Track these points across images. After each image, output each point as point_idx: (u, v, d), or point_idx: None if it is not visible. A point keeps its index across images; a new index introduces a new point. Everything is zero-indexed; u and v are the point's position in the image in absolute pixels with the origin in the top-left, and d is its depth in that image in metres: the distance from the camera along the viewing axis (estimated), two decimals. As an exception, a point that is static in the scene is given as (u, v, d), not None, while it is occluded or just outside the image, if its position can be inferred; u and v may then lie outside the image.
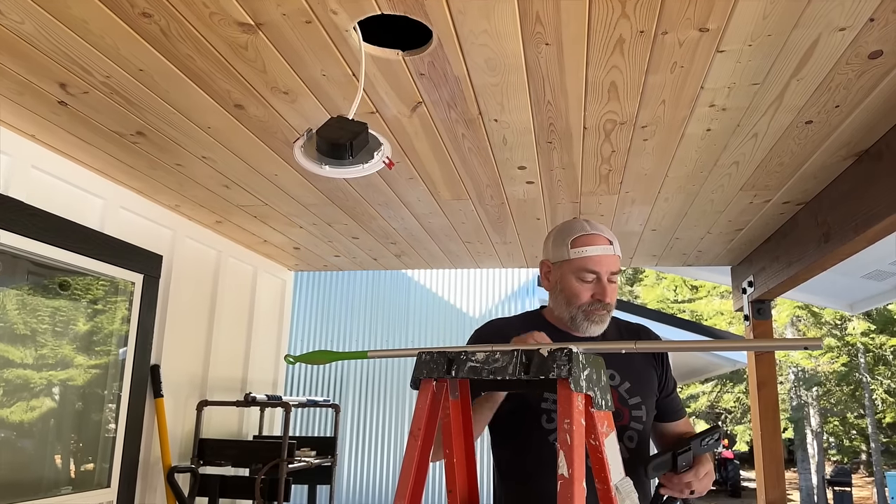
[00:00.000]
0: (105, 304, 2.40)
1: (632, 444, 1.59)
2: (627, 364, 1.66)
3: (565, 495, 1.12)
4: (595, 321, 1.63)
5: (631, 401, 1.62)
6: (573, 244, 1.62)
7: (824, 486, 17.16)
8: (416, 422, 1.33)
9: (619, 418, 1.57)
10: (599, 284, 1.61)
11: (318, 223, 2.75)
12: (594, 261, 1.60)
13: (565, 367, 1.21)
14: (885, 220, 1.77)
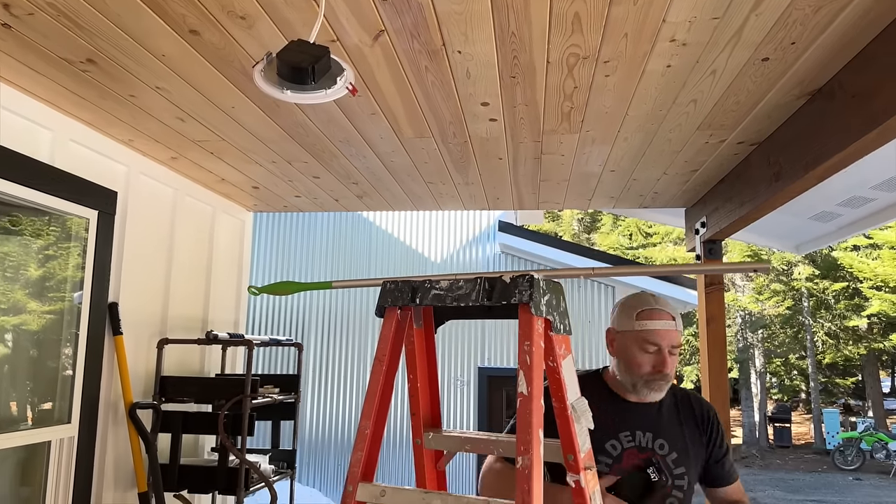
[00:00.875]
0: (57, 249, 2.35)
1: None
2: (678, 434, 1.78)
3: (524, 411, 1.17)
4: (654, 389, 1.75)
5: (676, 471, 1.73)
6: (638, 316, 1.74)
7: (766, 422, 18.13)
8: (380, 348, 1.36)
9: (663, 486, 1.70)
10: (660, 356, 1.72)
11: (277, 161, 2.71)
12: (657, 334, 1.72)
13: (527, 293, 1.24)
14: (832, 157, 1.83)
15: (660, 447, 1.73)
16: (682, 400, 1.85)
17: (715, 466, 1.81)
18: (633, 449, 1.73)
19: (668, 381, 1.74)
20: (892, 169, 2.43)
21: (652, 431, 1.75)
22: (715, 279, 3.16)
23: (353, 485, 1.26)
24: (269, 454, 3.04)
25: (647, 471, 1.62)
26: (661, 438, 1.74)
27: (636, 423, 1.75)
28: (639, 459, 1.71)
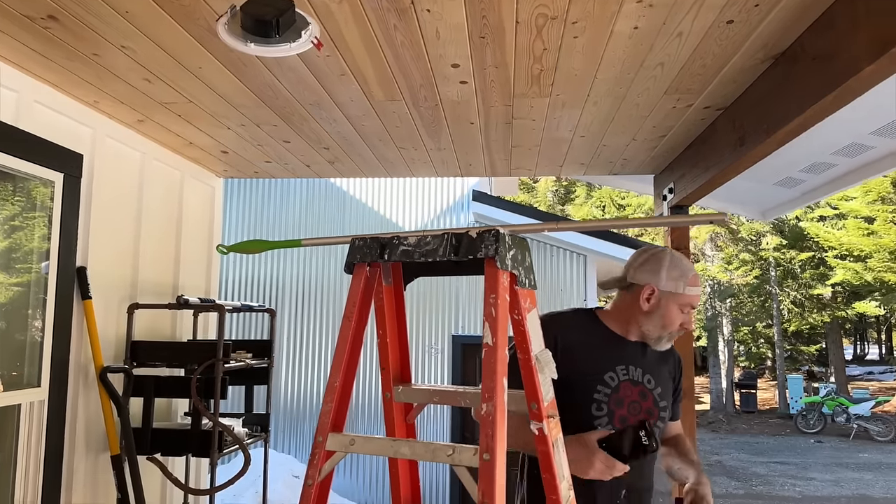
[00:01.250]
0: (24, 219, 2.32)
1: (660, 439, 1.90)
2: (661, 374, 1.99)
3: (489, 361, 1.21)
4: (672, 340, 1.97)
5: (661, 403, 1.93)
6: (690, 283, 1.89)
7: (732, 388, 18.63)
8: (349, 304, 1.39)
9: (651, 415, 1.90)
10: (689, 317, 1.94)
11: (246, 124, 2.69)
12: (696, 298, 1.93)
13: (492, 247, 1.27)
14: (794, 121, 1.88)
15: (648, 381, 1.92)
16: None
17: (674, 404, 2.04)
18: (627, 381, 1.90)
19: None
20: (851, 135, 2.50)
21: (642, 367, 1.93)
22: (681, 243, 3.23)
23: (323, 435, 1.29)
24: (242, 418, 3.07)
25: (640, 432, 1.67)
26: (649, 374, 1.93)
27: (629, 359, 1.92)
28: (632, 391, 1.89)
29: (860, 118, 2.34)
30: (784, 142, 2.06)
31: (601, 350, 1.93)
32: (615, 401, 1.86)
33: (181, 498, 3.03)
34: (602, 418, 1.83)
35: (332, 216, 6.93)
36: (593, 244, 6.56)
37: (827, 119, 2.00)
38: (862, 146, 2.58)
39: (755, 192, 3.46)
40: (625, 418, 1.85)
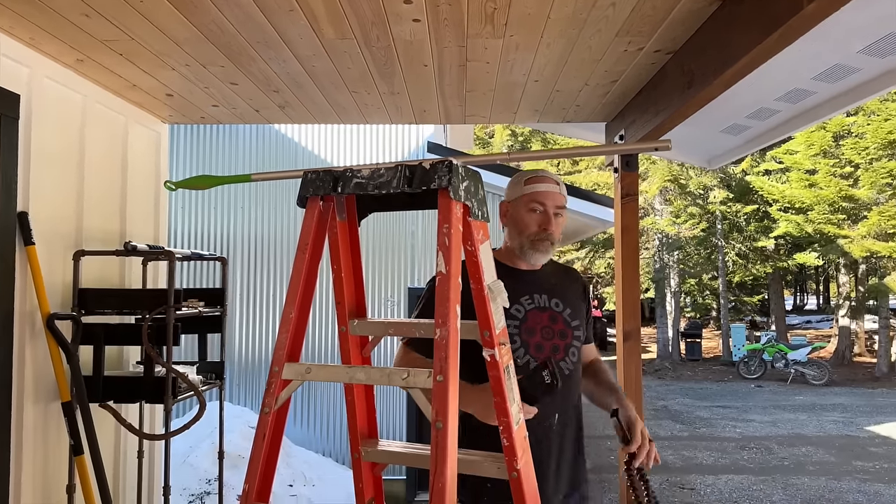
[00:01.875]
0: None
1: (574, 357, 1.98)
2: (567, 297, 2.03)
3: (443, 288, 1.23)
4: (540, 250, 1.96)
5: (573, 323, 1.99)
6: (526, 182, 1.97)
7: (678, 338, 19.32)
8: (303, 237, 1.39)
9: (565, 337, 1.96)
10: (545, 216, 1.94)
11: (191, 64, 2.60)
12: (542, 194, 1.95)
13: (446, 178, 1.29)
14: (739, 62, 1.92)
15: (556, 305, 1.98)
16: (564, 269, 2.18)
17: (587, 325, 2.09)
18: (534, 309, 1.95)
19: (552, 241, 1.95)
20: (794, 80, 2.57)
21: (546, 293, 1.99)
22: (630, 190, 3.30)
23: (279, 365, 1.30)
24: (196, 365, 3.05)
25: (543, 373, 1.68)
26: (556, 298, 1.99)
27: (531, 288, 1.98)
28: (542, 317, 1.95)
29: (802, 63, 2.41)
30: (731, 83, 2.10)
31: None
32: (526, 330, 1.91)
33: (136, 445, 3.02)
34: (518, 350, 1.89)
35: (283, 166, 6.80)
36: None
37: (771, 63, 2.05)
38: (804, 91, 2.66)
39: (702, 139, 3.54)
40: (540, 345, 1.91)
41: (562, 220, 1.99)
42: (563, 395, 1.90)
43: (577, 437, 2.00)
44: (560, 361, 1.93)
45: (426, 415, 1.17)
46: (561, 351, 1.95)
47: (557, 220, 1.97)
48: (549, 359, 1.75)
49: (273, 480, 1.28)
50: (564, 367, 1.94)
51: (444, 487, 1.08)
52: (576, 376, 2.00)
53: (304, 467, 5.43)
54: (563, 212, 1.99)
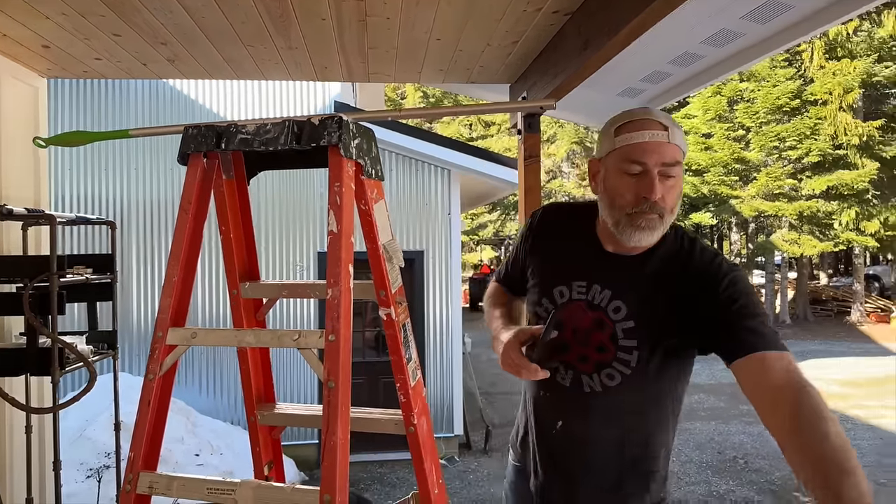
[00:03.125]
0: None
1: (612, 382, 1.43)
2: (649, 300, 1.39)
3: (334, 248, 1.21)
4: (641, 227, 1.36)
5: (622, 342, 1.40)
6: (618, 131, 1.39)
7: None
8: (185, 196, 1.33)
9: (604, 352, 1.42)
10: (646, 178, 1.34)
11: (68, 13, 2.40)
12: (640, 148, 1.34)
13: (335, 135, 1.25)
14: (631, 23, 1.97)
15: (615, 310, 1.42)
16: (682, 253, 1.43)
17: (719, 334, 1.29)
18: (581, 302, 1.46)
19: (661, 214, 1.36)
20: (684, 44, 2.66)
21: (612, 289, 1.43)
22: (533, 151, 3.35)
23: (163, 330, 1.25)
24: (85, 335, 2.90)
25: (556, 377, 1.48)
26: (620, 300, 1.41)
27: (598, 276, 1.46)
28: (585, 316, 1.45)
29: (691, 28, 2.49)
30: (623, 45, 2.15)
31: (568, 256, 1.53)
32: (555, 323, 1.42)
33: (24, 420, 2.85)
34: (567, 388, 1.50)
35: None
36: (457, 158, 6.65)
37: (662, 27, 2.12)
38: (694, 55, 2.76)
39: (600, 102, 3.62)
40: (565, 346, 1.45)
41: (674, 184, 1.36)
42: (575, 409, 1.50)
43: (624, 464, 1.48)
44: (583, 374, 1.45)
45: (318, 375, 1.16)
46: (590, 364, 1.44)
47: (668, 184, 1.35)
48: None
49: (160, 448, 1.24)
50: (586, 382, 1.45)
51: (335, 445, 1.08)
52: (610, 404, 1.45)
53: (211, 436, 5.32)
54: (675, 170, 1.35)
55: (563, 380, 1.49)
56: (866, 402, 9.18)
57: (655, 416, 1.46)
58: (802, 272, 18.70)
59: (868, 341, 15.24)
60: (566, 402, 1.50)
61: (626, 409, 1.45)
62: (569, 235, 1.56)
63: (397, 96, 26.48)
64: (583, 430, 1.49)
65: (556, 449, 1.53)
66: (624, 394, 1.42)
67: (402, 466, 6.39)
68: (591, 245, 1.50)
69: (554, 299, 1.50)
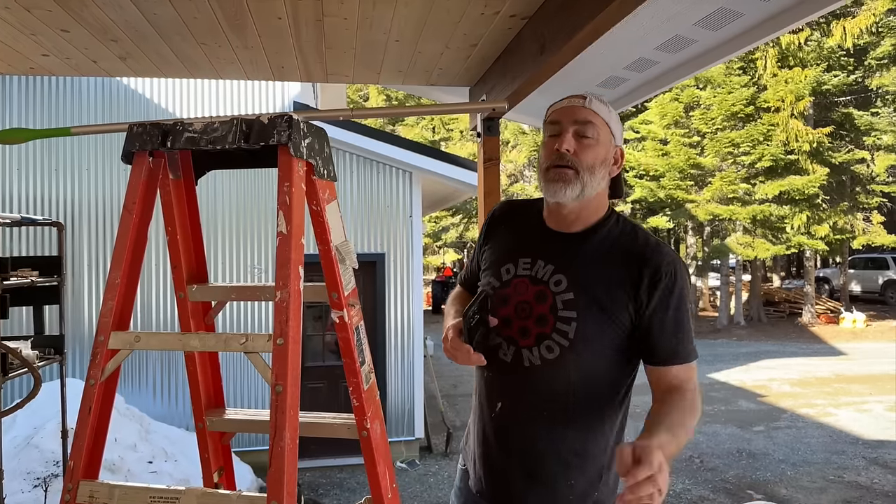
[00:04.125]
0: None
1: (551, 354, 1.45)
2: (589, 279, 1.45)
3: (284, 249, 1.19)
4: (554, 179, 1.43)
5: (563, 313, 1.44)
6: (548, 112, 1.53)
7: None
8: (129, 197, 1.29)
9: (543, 324, 1.45)
10: (560, 134, 1.44)
11: (11, 7, 2.32)
12: (557, 111, 1.48)
13: (285, 133, 1.23)
14: (586, 27, 1.98)
15: (556, 283, 1.46)
16: (623, 236, 1.50)
17: (645, 337, 1.44)
18: (525, 278, 1.51)
19: (573, 167, 1.43)
20: (639, 50, 2.70)
21: (555, 264, 1.48)
22: (492, 154, 3.36)
23: (105, 334, 1.21)
24: (30, 339, 2.80)
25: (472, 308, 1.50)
26: (562, 274, 1.47)
27: (543, 252, 1.52)
28: (528, 289, 1.49)
29: (646, 34, 2.53)
30: (579, 50, 2.17)
31: (516, 238, 1.61)
32: (500, 297, 1.52)
33: (-39, 431, 2.74)
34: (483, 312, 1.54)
35: (136, 127, 6.32)
36: (419, 161, 6.63)
37: (618, 33, 2.15)
38: (649, 61, 2.80)
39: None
40: (508, 319, 1.49)
41: (592, 143, 1.43)
42: (515, 385, 1.50)
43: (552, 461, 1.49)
44: (524, 348, 1.47)
45: (265, 379, 1.14)
46: (531, 337, 1.46)
47: (583, 141, 1.43)
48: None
49: (102, 455, 1.19)
50: (527, 356, 1.47)
51: (283, 451, 1.06)
52: (549, 378, 1.46)
53: (165, 443, 5.20)
54: (591, 129, 1.43)
55: (504, 356, 1.51)
56: (815, 400, 9.45)
57: (596, 397, 1.48)
58: (756, 274, 19.19)
59: (818, 342, 15.72)
60: (507, 380, 1.52)
61: (565, 385, 1.46)
62: (518, 221, 1.65)
63: (360, 98, 26.34)
64: (522, 409, 1.51)
65: (497, 434, 1.54)
66: (563, 367, 1.45)
67: (361, 471, 6.32)
68: (537, 226, 1.58)
69: (500, 276, 1.55)
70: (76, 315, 6.07)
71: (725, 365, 12.47)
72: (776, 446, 7.28)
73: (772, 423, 8.24)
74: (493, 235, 1.68)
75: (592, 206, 1.51)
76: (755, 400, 9.52)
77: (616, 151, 1.52)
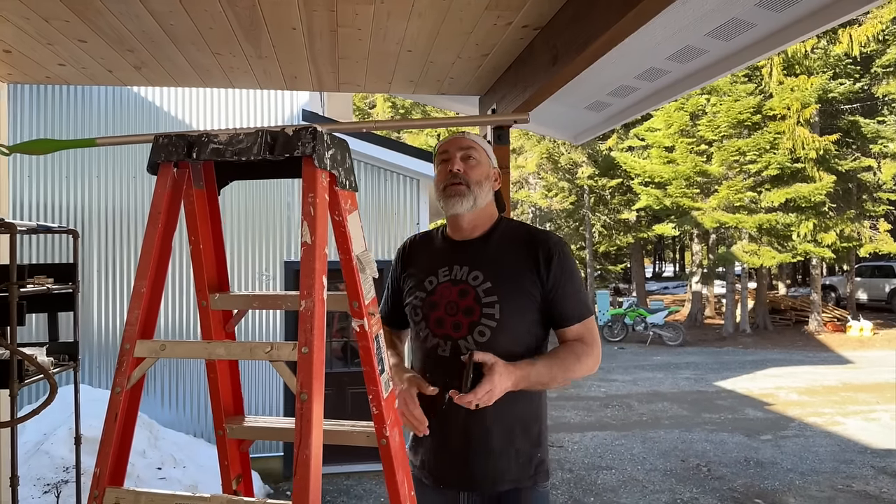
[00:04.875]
0: None
1: (483, 338, 1.73)
2: (500, 268, 1.78)
3: (308, 259, 1.21)
4: (451, 195, 1.79)
5: (485, 299, 1.74)
6: (437, 149, 1.90)
7: (550, 306, 20.26)
8: (154, 207, 1.31)
9: (471, 314, 1.74)
10: (449, 160, 1.82)
11: (31, 17, 2.35)
12: (445, 145, 1.87)
13: (310, 145, 1.25)
14: (599, 39, 2.00)
15: (473, 279, 1.77)
16: (524, 236, 1.85)
17: (552, 305, 1.78)
18: (447, 282, 1.80)
19: (465, 182, 1.78)
20: (650, 60, 2.72)
21: (469, 264, 1.80)
22: (503, 163, 3.37)
23: (131, 342, 1.23)
24: (45, 346, 2.82)
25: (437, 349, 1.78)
26: (477, 270, 1.78)
27: (455, 259, 1.83)
28: (452, 291, 1.78)
29: (658, 44, 2.55)
30: (592, 60, 2.19)
31: (430, 258, 1.91)
32: (429, 304, 1.81)
33: (-24, 436, 2.76)
34: (420, 323, 1.84)
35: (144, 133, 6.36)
36: (426, 168, 6.65)
37: (630, 43, 2.16)
38: (660, 70, 2.82)
39: (568, 115, 3.68)
40: (441, 320, 1.78)
41: (475, 164, 1.82)
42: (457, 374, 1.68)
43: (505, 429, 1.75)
44: (460, 340, 1.74)
45: (291, 387, 1.15)
46: (463, 328, 1.75)
47: (469, 163, 1.81)
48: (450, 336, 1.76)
49: (127, 463, 1.21)
50: (463, 345, 1.74)
51: (308, 458, 1.07)
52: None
53: (174, 449, 5.21)
54: (474, 152, 1.83)
55: (443, 352, 1.77)
56: (823, 409, 9.42)
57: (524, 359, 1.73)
58: (762, 282, 19.14)
59: (825, 350, 15.67)
60: (449, 372, 1.73)
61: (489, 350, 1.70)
62: (427, 247, 1.97)
63: (366, 105, 26.44)
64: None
65: (445, 426, 1.75)
66: (495, 344, 1.71)
67: (368, 478, 6.34)
68: (443, 243, 1.92)
69: (425, 288, 1.84)
70: (85, 321, 6.11)
71: (731, 373, 12.44)
72: (784, 455, 7.25)
73: (779, 432, 8.21)
74: (409, 264, 1.97)
75: (485, 215, 1.87)
76: (762, 408, 9.49)
77: (494, 172, 1.91)
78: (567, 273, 1.78)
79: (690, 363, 13.60)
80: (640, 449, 7.53)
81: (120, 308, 6.28)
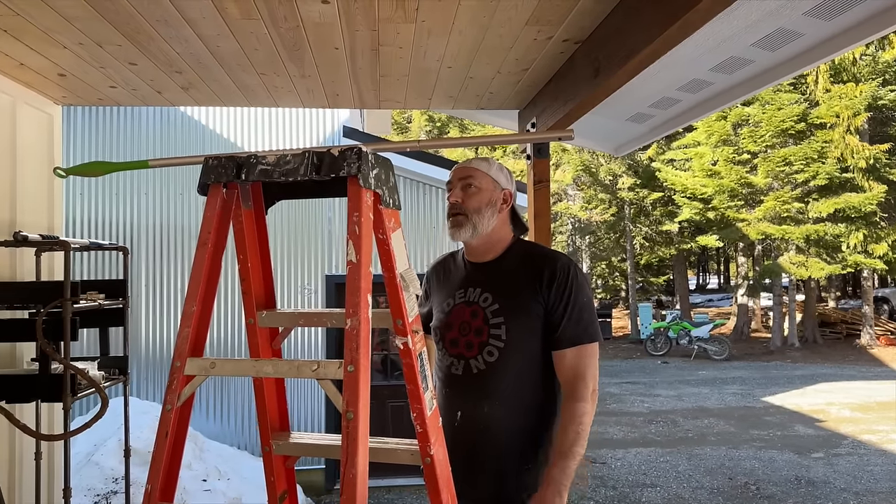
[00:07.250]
0: None
1: (492, 357, 1.81)
2: (508, 290, 1.85)
3: (353, 277, 1.22)
4: (451, 225, 1.88)
5: (492, 320, 1.82)
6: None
7: (591, 319, 20.01)
8: (205, 228, 1.33)
9: (480, 335, 1.83)
10: (451, 192, 1.91)
11: (85, 43, 2.44)
12: (452, 173, 1.94)
13: (355, 165, 1.26)
14: (642, 52, 1.98)
15: (484, 300, 1.85)
16: (533, 257, 1.90)
17: (552, 326, 1.80)
18: (462, 304, 1.89)
19: (463, 212, 1.87)
20: (693, 71, 2.68)
21: (482, 286, 1.88)
22: (543, 177, 3.36)
23: (181, 360, 1.25)
24: (97, 361, 2.90)
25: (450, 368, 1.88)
26: (488, 292, 1.86)
27: (471, 281, 1.92)
28: (465, 312, 1.88)
29: (701, 55, 2.51)
30: (634, 73, 2.17)
31: (449, 281, 2.01)
32: (445, 325, 1.91)
33: (34, 447, 2.84)
34: (438, 343, 1.95)
35: (189, 152, 6.53)
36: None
37: (673, 54, 2.13)
38: (703, 82, 2.78)
39: (609, 127, 3.65)
40: (455, 340, 1.88)
41: (475, 192, 1.87)
42: (469, 393, 1.83)
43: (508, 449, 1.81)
44: (471, 359, 1.84)
45: (337, 406, 1.16)
46: (474, 348, 1.83)
47: (468, 191, 1.88)
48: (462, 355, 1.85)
49: (177, 479, 1.23)
50: (474, 365, 1.83)
51: (355, 477, 1.07)
52: (495, 378, 1.80)
53: (218, 461, 5.29)
54: (474, 180, 1.88)
55: (456, 370, 1.86)
56: (878, 426, 9.07)
57: (533, 384, 1.81)
58: (810, 294, 18.59)
59: (879, 365, 15.11)
60: (461, 390, 1.84)
61: (508, 379, 1.80)
62: (448, 269, 2.05)
63: (403, 120, 26.68)
64: (476, 412, 1.81)
65: (457, 442, 1.75)
66: (504, 364, 1.79)
67: (409, 492, 6.33)
68: (462, 265, 2.00)
69: (444, 310, 1.94)
70: (133, 335, 6.26)
71: (780, 388, 12.07)
72: (837, 474, 6.99)
73: (832, 450, 7.93)
74: (433, 289, 2.07)
75: (494, 238, 1.92)
76: (813, 425, 9.18)
77: (503, 194, 1.93)
78: (568, 295, 1.79)
79: (737, 378, 13.25)
80: (685, 466, 7.35)
81: (167, 322, 6.42)
